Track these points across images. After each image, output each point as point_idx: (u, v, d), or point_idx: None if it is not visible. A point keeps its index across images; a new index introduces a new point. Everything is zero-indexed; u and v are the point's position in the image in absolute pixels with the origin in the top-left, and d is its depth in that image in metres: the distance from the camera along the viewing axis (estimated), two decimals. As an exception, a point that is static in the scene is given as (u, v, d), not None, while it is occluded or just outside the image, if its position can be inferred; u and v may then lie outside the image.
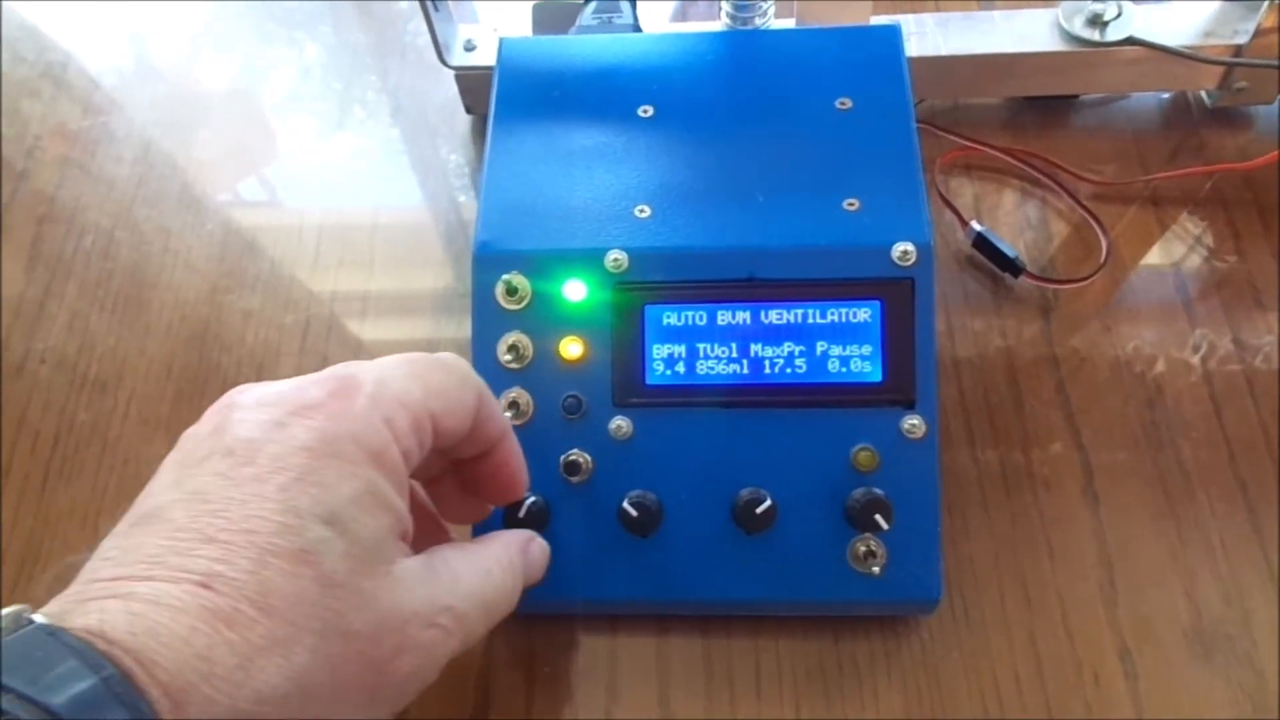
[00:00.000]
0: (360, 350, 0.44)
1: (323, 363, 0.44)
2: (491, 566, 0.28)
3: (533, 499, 0.33)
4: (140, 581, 0.21)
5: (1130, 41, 0.44)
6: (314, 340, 0.45)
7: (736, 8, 0.41)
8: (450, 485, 0.32)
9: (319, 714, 0.23)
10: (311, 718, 0.23)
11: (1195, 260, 0.45)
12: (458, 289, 0.46)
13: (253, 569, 0.22)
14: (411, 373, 0.27)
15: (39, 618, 0.21)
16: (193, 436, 0.26)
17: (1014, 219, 0.46)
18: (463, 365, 0.29)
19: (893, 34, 0.38)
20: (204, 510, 0.23)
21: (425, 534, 0.33)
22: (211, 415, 0.26)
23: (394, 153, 0.51)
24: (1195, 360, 0.42)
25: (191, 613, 0.21)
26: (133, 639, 0.20)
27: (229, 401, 0.26)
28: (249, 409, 0.25)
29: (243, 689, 0.21)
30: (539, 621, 0.37)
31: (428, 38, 0.54)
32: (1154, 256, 0.45)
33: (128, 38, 0.56)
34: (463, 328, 0.44)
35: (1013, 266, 0.43)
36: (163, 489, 0.24)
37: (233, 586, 0.22)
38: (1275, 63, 0.44)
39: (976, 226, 0.43)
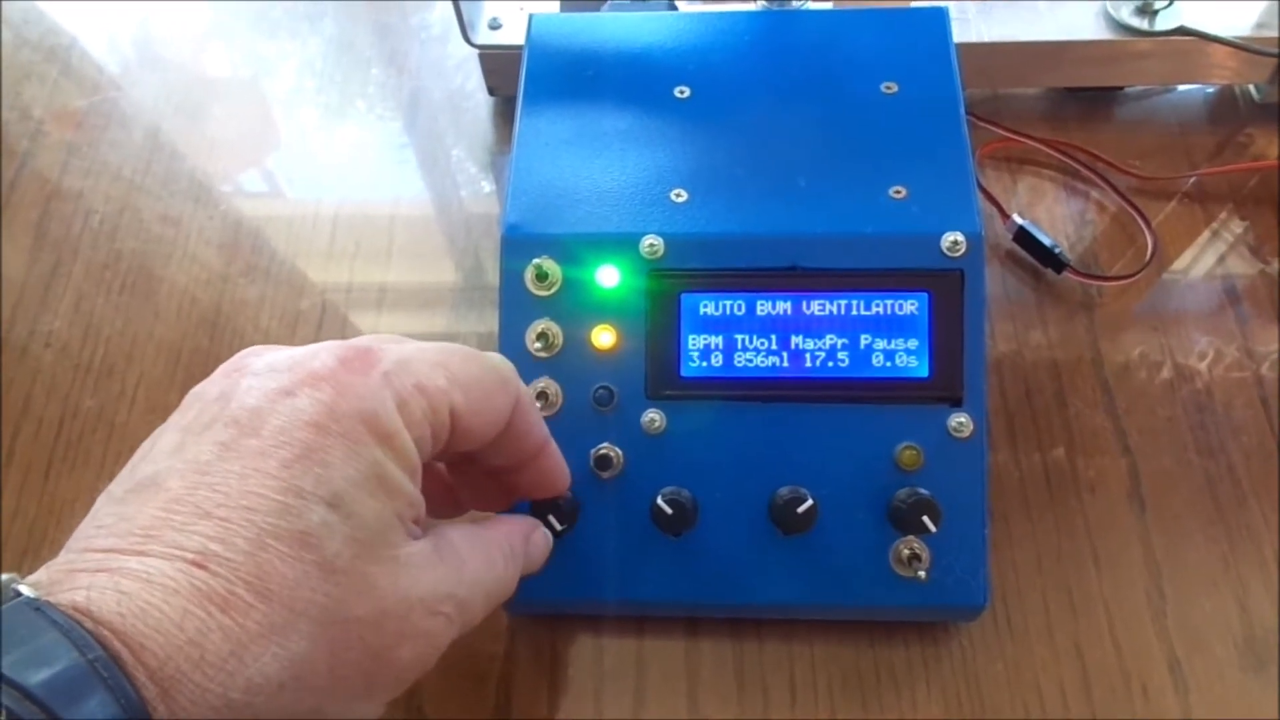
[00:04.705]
0: (376, 338, 0.43)
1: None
2: (495, 554, 0.27)
3: (565, 500, 0.32)
4: (132, 556, 0.20)
5: (1181, 31, 0.42)
6: (328, 330, 0.43)
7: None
8: (475, 472, 0.31)
9: (314, 703, 0.22)
10: (306, 707, 0.21)
11: (1242, 259, 0.43)
12: (477, 281, 0.44)
13: (250, 550, 0.21)
14: (441, 360, 0.26)
15: (25, 589, 0.20)
16: (199, 398, 0.24)
17: (1055, 213, 0.44)
18: (505, 369, 0.27)
19: (940, 16, 0.37)
20: (202, 482, 0.21)
21: (441, 509, 0.32)
22: (220, 377, 0.25)
23: (407, 143, 0.49)
24: (1245, 362, 0.40)
25: (184, 594, 0.20)
26: (121, 620, 0.19)
27: (240, 364, 0.25)
28: (259, 374, 0.24)
29: (235, 678, 0.20)
30: (563, 622, 0.35)
31: (434, 27, 0.53)
32: (1199, 254, 0.43)
33: (133, 21, 0.55)
34: (483, 321, 0.43)
35: (1055, 261, 0.41)
36: (163, 454, 0.23)
37: (229, 568, 0.20)
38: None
39: (1018, 220, 0.42)
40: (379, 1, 0.55)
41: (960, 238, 0.32)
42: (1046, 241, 0.41)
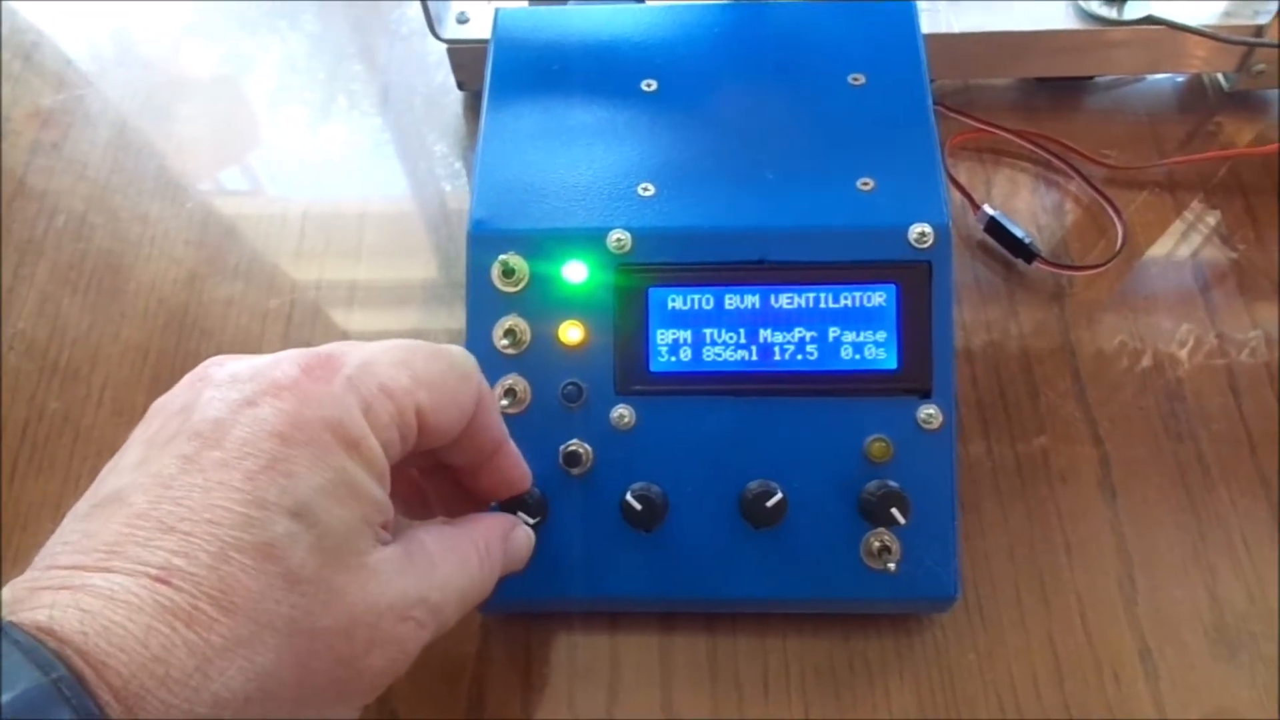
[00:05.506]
0: (347, 338, 0.43)
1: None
2: (469, 554, 0.27)
3: (531, 495, 0.31)
4: (96, 572, 0.20)
5: (1149, 20, 0.42)
6: (298, 328, 0.43)
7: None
8: (445, 479, 0.30)
9: (283, 714, 0.21)
10: (275, 718, 0.21)
11: (1212, 247, 0.43)
12: (448, 278, 0.44)
13: (214, 564, 0.20)
14: (403, 359, 0.25)
15: None
16: (162, 410, 0.24)
17: (1026, 203, 0.44)
18: (468, 363, 0.27)
19: (908, 8, 0.37)
20: (165, 496, 0.21)
21: (413, 511, 0.32)
22: (183, 389, 0.25)
23: (381, 140, 0.49)
24: (1214, 350, 0.40)
25: (148, 610, 0.20)
26: (83, 639, 0.19)
27: (203, 374, 0.25)
28: (221, 385, 0.24)
29: (201, 693, 0.20)
30: (537, 621, 0.35)
31: (413, 23, 0.52)
32: (1170, 242, 0.43)
33: (108, 19, 0.54)
34: (454, 317, 0.43)
35: (1026, 251, 0.41)
36: (127, 468, 0.23)
37: (192, 582, 0.20)
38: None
39: (989, 210, 0.42)
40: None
41: (928, 229, 0.32)
42: (1017, 232, 0.41)
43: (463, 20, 0.45)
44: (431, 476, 0.31)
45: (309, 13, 0.54)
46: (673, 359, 0.33)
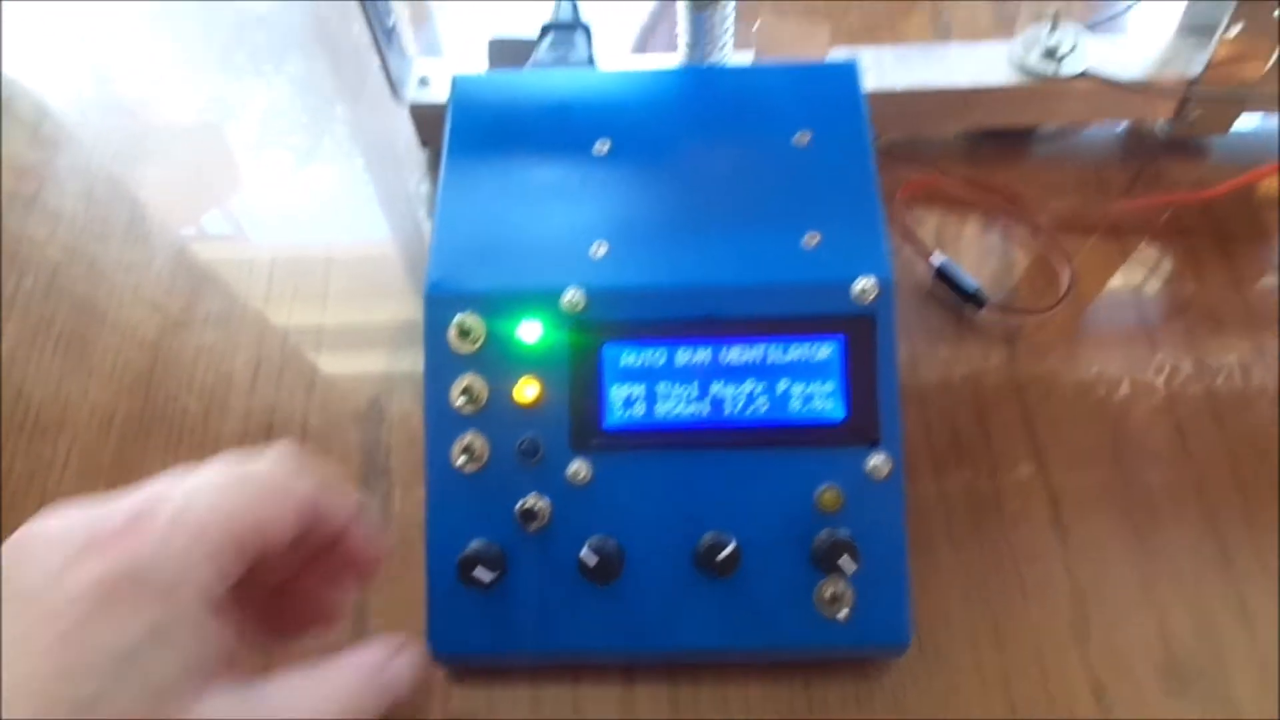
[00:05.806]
0: (314, 386, 0.43)
1: (272, 404, 0.42)
2: (329, 693, 0.26)
3: (483, 544, 0.32)
4: None
5: (1085, 76, 0.44)
6: (265, 378, 0.43)
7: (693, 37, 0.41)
8: (312, 580, 0.30)
9: None
10: None
11: (1156, 288, 0.45)
12: (416, 323, 0.45)
13: None
14: (224, 486, 0.26)
15: None
16: None
17: (975, 251, 0.46)
18: (282, 472, 0.27)
19: (849, 70, 0.38)
20: None
21: (265, 636, 0.31)
22: (11, 546, 0.25)
23: (355, 186, 0.50)
24: (1160, 389, 0.41)
25: None
26: None
27: (26, 537, 0.25)
28: (44, 544, 0.24)
29: None
30: (500, 672, 0.35)
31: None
32: (1116, 285, 0.45)
33: (84, 65, 0.55)
34: (419, 362, 0.43)
35: (975, 299, 0.42)
36: None
37: None
38: (1227, 93, 0.44)
39: (937, 260, 0.43)
40: (339, 27, 0.55)
41: (871, 283, 0.33)
42: (966, 279, 0.42)
43: (424, 83, 0.46)
44: (296, 584, 0.30)
45: (294, 57, 0.55)
46: (627, 414, 0.34)
